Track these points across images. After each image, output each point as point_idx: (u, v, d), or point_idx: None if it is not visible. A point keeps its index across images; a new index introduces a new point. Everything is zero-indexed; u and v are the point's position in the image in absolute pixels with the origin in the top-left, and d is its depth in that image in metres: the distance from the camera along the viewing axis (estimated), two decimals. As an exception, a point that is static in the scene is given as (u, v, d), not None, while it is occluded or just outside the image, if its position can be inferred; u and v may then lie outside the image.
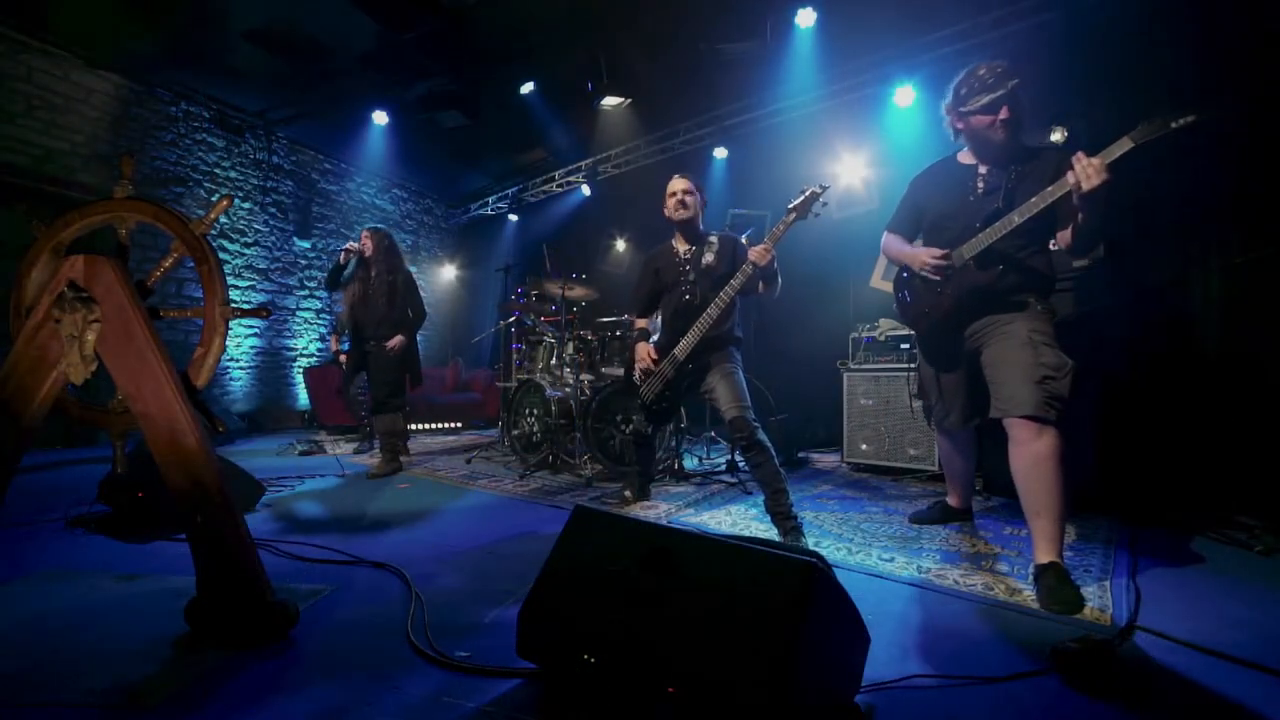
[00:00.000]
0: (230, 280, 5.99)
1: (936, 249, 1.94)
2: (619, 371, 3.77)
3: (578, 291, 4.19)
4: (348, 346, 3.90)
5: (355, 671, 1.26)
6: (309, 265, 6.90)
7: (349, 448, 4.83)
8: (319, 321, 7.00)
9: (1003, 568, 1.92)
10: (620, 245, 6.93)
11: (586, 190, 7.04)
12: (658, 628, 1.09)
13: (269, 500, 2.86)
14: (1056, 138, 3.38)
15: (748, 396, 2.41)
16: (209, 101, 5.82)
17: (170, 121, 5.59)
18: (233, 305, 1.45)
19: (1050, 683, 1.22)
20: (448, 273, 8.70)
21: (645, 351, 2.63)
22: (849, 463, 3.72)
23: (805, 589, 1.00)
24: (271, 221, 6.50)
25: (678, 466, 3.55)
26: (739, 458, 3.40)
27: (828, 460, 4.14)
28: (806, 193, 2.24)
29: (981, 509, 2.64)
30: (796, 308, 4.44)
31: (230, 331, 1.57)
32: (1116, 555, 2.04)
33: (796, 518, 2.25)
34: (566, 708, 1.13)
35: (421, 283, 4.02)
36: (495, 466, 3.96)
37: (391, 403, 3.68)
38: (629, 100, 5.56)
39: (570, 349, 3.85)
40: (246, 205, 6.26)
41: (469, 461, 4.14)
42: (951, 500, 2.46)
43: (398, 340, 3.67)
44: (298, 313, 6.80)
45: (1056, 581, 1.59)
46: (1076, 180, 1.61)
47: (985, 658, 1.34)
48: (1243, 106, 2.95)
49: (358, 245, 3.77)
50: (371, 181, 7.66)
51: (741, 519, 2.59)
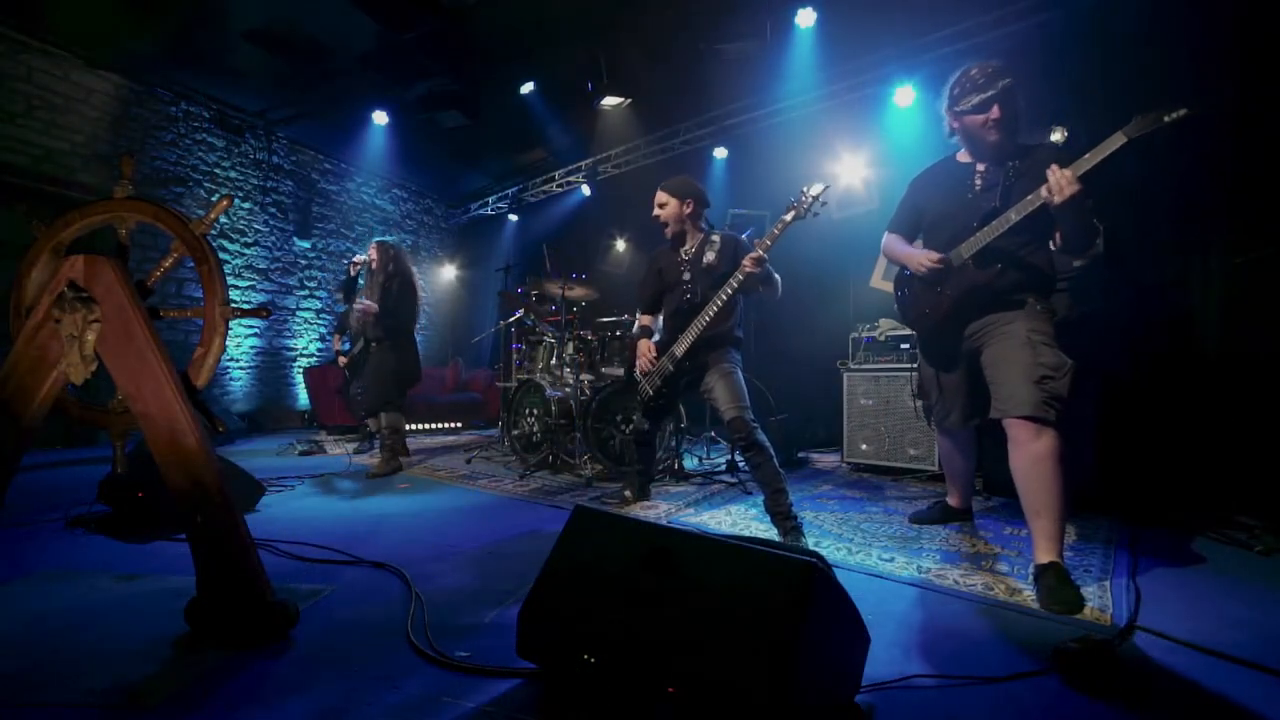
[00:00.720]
0: (230, 280, 5.99)
1: (934, 253, 1.94)
2: (619, 371, 3.78)
3: (578, 291, 4.19)
4: (348, 347, 3.92)
5: (355, 671, 1.26)
6: (309, 265, 6.90)
7: (349, 448, 4.83)
8: (319, 321, 7.00)
9: (1003, 568, 1.92)
10: (620, 245, 6.92)
11: (586, 190, 7.04)
12: (658, 628, 1.09)
13: (269, 500, 2.86)
14: (1056, 137, 3.37)
15: (747, 397, 2.41)
16: (209, 101, 5.82)
17: (170, 121, 5.59)
18: (233, 305, 1.45)
19: (1050, 683, 1.22)
20: (448, 273, 8.69)
21: (645, 347, 2.66)
22: (849, 463, 3.72)
23: (805, 589, 1.00)
24: (271, 221, 6.50)
25: (678, 466, 3.55)
26: (739, 458, 3.40)
27: (828, 460, 4.14)
28: (802, 196, 2.19)
29: (981, 509, 2.64)
30: (796, 308, 4.44)
31: (230, 331, 1.57)
32: (1116, 555, 2.04)
33: (796, 518, 2.25)
34: (566, 708, 1.13)
35: (421, 283, 4.04)
36: (495, 466, 3.96)
37: (392, 403, 3.74)
38: (629, 100, 5.56)
39: (570, 349, 3.85)
40: (246, 205, 6.26)
41: (469, 461, 4.14)
42: (951, 500, 2.46)
43: (370, 306, 3.66)
44: (298, 313, 6.80)
45: (1056, 581, 1.59)
46: (1049, 193, 1.64)
47: (985, 658, 1.33)
48: (1241, 105, 2.96)
49: (364, 258, 3.90)
50: (371, 181, 7.65)
51: (741, 519, 2.59)
